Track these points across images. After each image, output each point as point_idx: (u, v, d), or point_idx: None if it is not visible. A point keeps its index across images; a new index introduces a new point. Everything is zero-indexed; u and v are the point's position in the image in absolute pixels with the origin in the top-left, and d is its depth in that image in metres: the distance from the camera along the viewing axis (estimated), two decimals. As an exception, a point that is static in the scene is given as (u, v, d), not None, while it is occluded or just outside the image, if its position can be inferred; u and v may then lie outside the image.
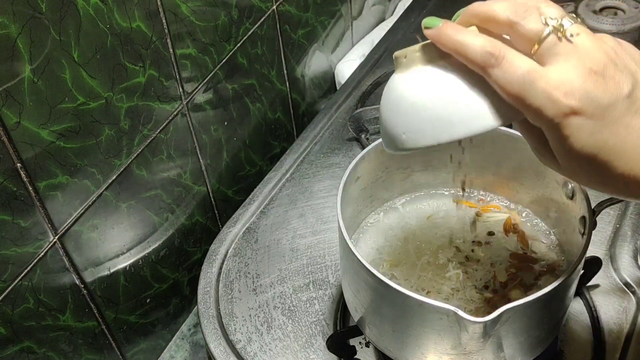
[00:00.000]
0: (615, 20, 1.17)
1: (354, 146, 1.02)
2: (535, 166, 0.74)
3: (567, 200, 0.71)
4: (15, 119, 0.62)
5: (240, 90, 0.98)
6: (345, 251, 0.66)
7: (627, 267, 0.82)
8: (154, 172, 0.84)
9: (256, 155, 1.08)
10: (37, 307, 0.70)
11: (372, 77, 1.12)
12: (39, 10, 0.61)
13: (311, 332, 0.79)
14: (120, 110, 0.75)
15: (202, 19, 0.85)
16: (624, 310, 0.78)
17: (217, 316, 0.81)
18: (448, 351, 0.63)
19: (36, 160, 0.65)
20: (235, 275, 0.86)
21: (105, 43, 0.70)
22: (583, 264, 0.63)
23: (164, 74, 0.81)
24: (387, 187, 0.79)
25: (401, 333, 0.65)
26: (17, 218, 0.65)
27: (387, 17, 1.42)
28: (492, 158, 0.78)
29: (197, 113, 0.89)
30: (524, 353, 0.66)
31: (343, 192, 0.69)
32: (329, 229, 0.90)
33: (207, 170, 0.95)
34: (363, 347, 0.77)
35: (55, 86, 0.65)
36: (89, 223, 0.75)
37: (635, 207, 0.89)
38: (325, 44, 1.21)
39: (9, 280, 0.66)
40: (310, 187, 0.96)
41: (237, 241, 0.90)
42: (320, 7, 1.15)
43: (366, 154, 0.73)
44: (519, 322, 0.61)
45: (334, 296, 0.82)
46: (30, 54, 0.62)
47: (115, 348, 0.84)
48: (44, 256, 0.70)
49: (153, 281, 0.89)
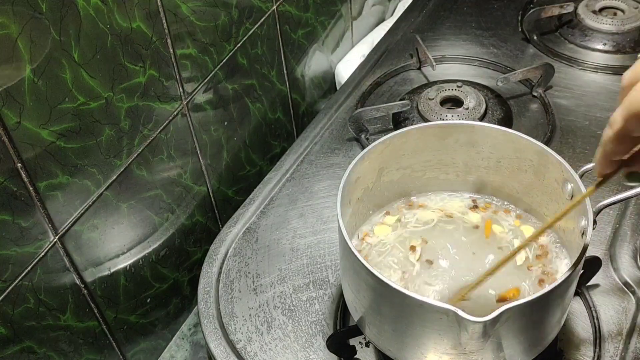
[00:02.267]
0: (615, 20, 1.17)
1: (354, 146, 1.02)
2: (535, 166, 0.74)
3: (567, 200, 0.71)
4: (16, 119, 0.62)
5: (240, 90, 0.99)
6: (345, 251, 0.66)
7: (626, 267, 0.82)
8: (154, 172, 0.84)
9: (256, 155, 1.08)
10: (37, 307, 0.70)
11: (372, 77, 1.12)
12: (39, 11, 0.61)
13: (311, 332, 0.79)
14: (120, 110, 0.75)
15: (202, 19, 0.85)
16: (624, 310, 0.78)
17: (217, 316, 0.81)
18: (448, 351, 0.63)
19: (36, 160, 0.65)
20: (235, 275, 0.86)
21: (105, 43, 0.70)
22: (583, 263, 0.63)
23: (164, 74, 0.81)
24: (387, 187, 0.79)
25: (401, 333, 0.65)
26: (17, 218, 0.65)
27: (387, 17, 1.42)
28: (492, 158, 0.78)
29: (198, 113, 0.90)
30: (524, 353, 0.66)
31: (343, 192, 0.69)
32: (329, 229, 0.90)
33: (207, 170, 0.95)
34: (363, 347, 0.77)
35: (55, 86, 0.65)
36: (90, 223, 0.75)
37: (635, 207, 0.89)
38: (325, 44, 1.21)
39: (9, 280, 0.66)
40: (310, 187, 0.96)
41: (237, 241, 0.90)
42: (320, 7, 1.15)
43: (366, 154, 0.73)
44: (519, 322, 0.61)
45: (334, 296, 0.82)
46: (30, 54, 0.62)
47: (115, 348, 0.85)
48: (45, 256, 0.70)
49: (153, 281, 0.89)
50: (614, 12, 1.21)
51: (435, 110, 1.01)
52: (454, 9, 1.29)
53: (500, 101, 1.04)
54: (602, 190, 0.90)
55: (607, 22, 1.17)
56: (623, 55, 1.14)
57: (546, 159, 0.72)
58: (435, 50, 1.17)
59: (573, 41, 1.17)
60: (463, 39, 1.20)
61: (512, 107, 1.05)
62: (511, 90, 1.09)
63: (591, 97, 1.06)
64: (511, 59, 1.15)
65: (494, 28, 1.22)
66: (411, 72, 1.14)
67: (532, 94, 1.08)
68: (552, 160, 0.71)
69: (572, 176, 0.68)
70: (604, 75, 1.10)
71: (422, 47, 1.12)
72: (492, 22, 1.24)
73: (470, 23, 1.24)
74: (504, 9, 1.27)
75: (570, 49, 1.16)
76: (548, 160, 0.72)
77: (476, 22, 1.24)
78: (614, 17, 1.19)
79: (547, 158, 0.72)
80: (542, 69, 1.06)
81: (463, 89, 1.04)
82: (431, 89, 1.05)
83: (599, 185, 0.58)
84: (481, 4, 1.29)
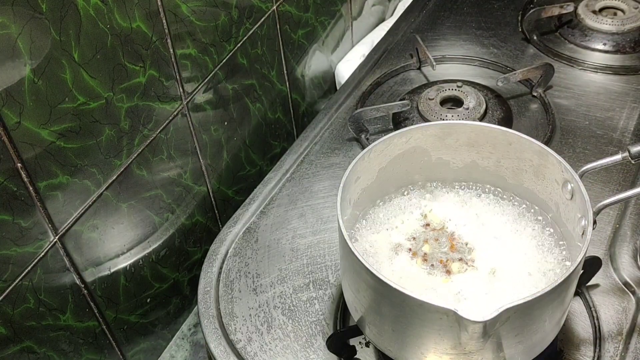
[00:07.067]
0: (615, 20, 1.17)
1: (354, 146, 1.02)
2: (535, 166, 0.74)
3: (567, 200, 0.71)
4: (16, 119, 0.62)
5: (240, 90, 0.99)
6: (345, 251, 0.66)
7: (626, 267, 0.82)
8: (154, 172, 0.84)
9: (256, 155, 1.08)
10: (37, 307, 0.70)
11: (372, 77, 1.12)
12: (39, 11, 0.61)
13: (311, 332, 0.79)
14: (120, 110, 0.75)
15: (202, 19, 0.85)
16: (624, 309, 0.78)
17: (217, 316, 0.81)
18: (448, 351, 0.63)
19: (36, 160, 0.65)
20: (235, 275, 0.86)
21: (105, 43, 0.70)
22: (583, 263, 0.63)
23: (164, 74, 0.81)
24: (387, 187, 0.79)
25: (401, 333, 0.65)
26: (17, 218, 0.65)
27: (387, 17, 1.42)
28: (492, 158, 0.78)
29: (198, 113, 0.90)
30: (524, 353, 0.66)
31: (343, 192, 0.69)
32: (329, 229, 0.90)
33: (207, 170, 0.95)
34: (363, 347, 0.77)
35: (55, 86, 0.65)
36: (90, 223, 0.75)
37: (635, 207, 0.89)
38: (325, 44, 1.21)
39: (9, 280, 0.66)
40: (310, 187, 0.96)
41: (237, 241, 0.90)
42: (320, 7, 1.15)
43: (366, 154, 0.73)
44: (519, 322, 0.61)
45: (334, 296, 0.82)
46: (30, 54, 0.62)
47: (115, 348, 0.85)
48: (45, 256, 0.70)
49: (153, 281, 0.89)
50: (614, 12, 1.21)
51: (435, 110, 1.01)
52: (454, 9, 1.29)
53: (500, 101, 1.05)
54: (602, 190, 0.91)
55: (607, 22, 1.17)
56: (623, 55, 1.14)
57: (546, 159, 0.72)
58: (435, 50, 1.17)
59: (573, 41, 1.17)
60: (463, 39, 1.20)
61: (512, 107, 1.05)
62: (511, 90, 1.09)
63: (591, 97, 1.06)
64: (511, 59, 1.15)
65: (494, 28, 1.22)
66: (411, 72, 1.14)
67: (532, 94, 1.08)
68: (552, 160, 0.71)
69: (572, 176, 0.68)
70: (604, 75, 1.10)
71: (422, 47, 1.12)
72: (492, 22, 1.24)
73: (470, 23, 1.24)
74: (504, 9, 1.27)
75: (570, 49, 1.16)
76: (548, 160, 0.72)
77: (476, 22, 1.24)
78: (614, 17, 1.19)
79: (547, 158, 0.72)
80: (542, 69, 1.06)
81: (463, 89, 1.04)
82: (431, 89, 1.05)
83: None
84: (481, 4, 1.29)
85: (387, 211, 0.79)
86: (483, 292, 0.70)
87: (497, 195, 0.80)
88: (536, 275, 0.72)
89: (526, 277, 0.71)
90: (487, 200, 0.80)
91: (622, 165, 0.94)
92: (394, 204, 0.80)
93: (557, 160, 0.70)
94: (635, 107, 1.04)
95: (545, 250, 0.74)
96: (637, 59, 1.13)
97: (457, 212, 0.79)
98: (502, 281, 0.71)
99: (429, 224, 0.77)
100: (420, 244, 0.75)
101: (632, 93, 1.06)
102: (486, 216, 0.78)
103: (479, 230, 0.77)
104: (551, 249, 0.74)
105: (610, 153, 0.88)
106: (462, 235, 0.76)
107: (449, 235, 0.76)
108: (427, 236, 0.76)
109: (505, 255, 0.74)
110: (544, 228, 0.76)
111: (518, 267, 0.72)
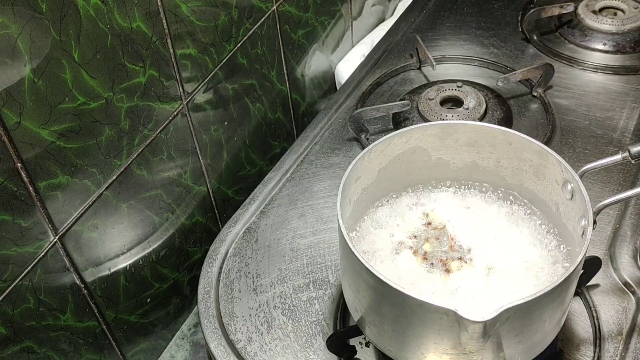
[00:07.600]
0: (615, 20, 1.17)
1: (354, 146, 1.02)
2: (535, 166, 0.74)
3: (567, 200, 0.71)
4: (16, 119, 0.62)
5: (240, 90, 0.99)
6: (345, 251, 0.66)
7: (626, 267, 0.82)
8: (154, 172, 0.84)
9: (256, 155, 1.08)
10: (37, 307, 0.70)
11: (372, 77, 1.12)
12: (39, 11, 0.61)
13: (311, 332, 0.79)
14: (120, 110, 0.75)
15: (202, 19, 0.85)
16: (624, 310, 0.78)
17: (217, 316, 0.81)
18: (448, 351, 0.63)
19: (36, 160, 0.65)
20: (235, 275, 0.86)
21: (105, 43, 0.70)
22: (583, 263, 0.63)
23: (164, 74, 0.81)
24: (387, 187, 0.79)
25: (401, 333, 0.65)
26: (17, 218, 0.65)
27: (387, 17, 1.42)
28: (492, 158, 0.78)
29: (197, 113, 0.90)
30: (524, 353, 0.66)
31: (343, 192, 0.69)
32: (329, 229, 0.90)
33: (207, 170, 0.95)
34: (363, 347, 0.77)
35: (55, 86, 0.65)
36: (89, 223, 0.75)
37: (635, 207, 0.89)
38: (325, 44, 1.21)
39: (9, 280, 0.66)
40: (310, 187, 0.96)
41: (237, 241, 0.90)
42: (320, 7, 1.15)
43: (366, 154, 0.73)
44: (519, 322, 0.61)
45: (334, 296, 0.82)
46: (30, 54, 0.62)
47: (115, 348, 0.85)
48: (45, 256, 0.70)
49: (153, 281, 0.89)
50: (614, 12, 1.21)
51: (435, 110, 1.01)
52: (454, 9, 1.29)
53: (500, 101, 1.05)
54: (602, 190, 0.91)
55: (607, 22, 1.17)
56: (623, 55, 1.14)
57: (546, 159, 0.72)
58: (435, 50, 1.17)
59: (573, 41, 1.17)
60: (463, 39, 1.20)
61: (512, 107, 1.05)
62: (511, 90, 1.09)
63: (591, 97, 1.06)
64: (511, 59, 1.15)
65: (494, 28, 1.22)
66: (411, 72, 1.15)
67: (532, 94, 1.08)
68: (552, 160, 0.71)
69: (572, 176, 0.68)
70: (604, 75, 1.10)
71: (422, 47, 1.12)
72: (492, 22, 1.24)
73: (470, 23, 1.24)
74: (504, 9, 1.27)
75: (570, 49, 1.16)
76: (548, 160, 0.72)
77: (476, 22, 1.24)
78: (614, 17, 1.19)
79: (547, 158, 0.72)
80: (542, 69, 1.06)
81: (463, 89, 1.04)
82: (431, 89, 1.05)
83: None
84: (481, 4, 1.29)
85: (387, 211, 0.79)
86: (483, 292, 0.70)
87: (497, 195, 0.80)
88: (536, 275, 0.72)
89: (525, 277, 0.71)
90: (487, 200, 0.80)
91: (622, 165, 0.94)
92: (394, 204, 0.80)
93: (557, 160, 0.70)
94: (635, 107, 1.04)
95: (545, 250, 0.74)
96: (637, 59, 1.13)
97: (456, 212, 0.79)
98: (502, 281, 0.71)
99: (430, 223, 0.77)
100: (422, 243, 0.75)
101: (632, 93, 1.06)
102: (486, 216, 0.78)
103: (479, 230, 0.77)
104: (551, 249, 0.74)
105: (610, 153, 0.88)
106: (462, 235, 0.76)
107: (449, 234, 0.76)
108: (428, 235, 0.76)
109: (504, 255, 0.74)
110: (543, 228, 0.76)
111: (517, 266, 0.72)
